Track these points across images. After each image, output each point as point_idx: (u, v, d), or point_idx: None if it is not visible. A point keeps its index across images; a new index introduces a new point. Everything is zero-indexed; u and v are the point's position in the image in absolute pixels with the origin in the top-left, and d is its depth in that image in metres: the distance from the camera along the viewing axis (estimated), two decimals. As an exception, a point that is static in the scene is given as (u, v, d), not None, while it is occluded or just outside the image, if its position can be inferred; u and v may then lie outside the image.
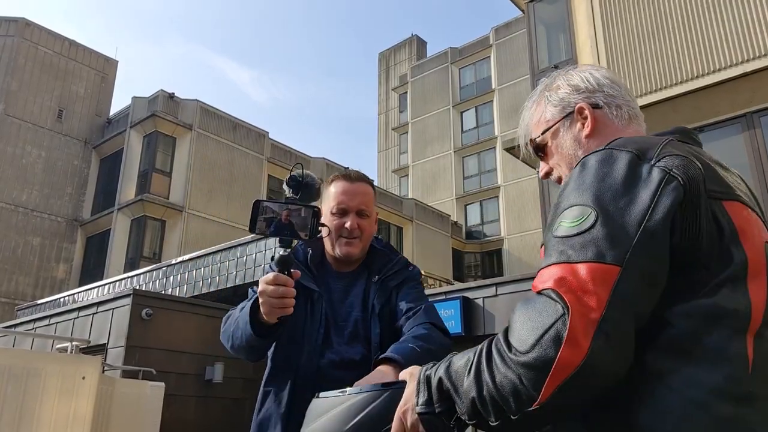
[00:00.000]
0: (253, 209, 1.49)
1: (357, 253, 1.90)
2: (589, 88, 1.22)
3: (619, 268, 0.87)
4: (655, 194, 0.91)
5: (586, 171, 0.98)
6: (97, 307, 10.27)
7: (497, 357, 0.89)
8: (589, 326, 0.84)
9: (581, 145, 1.20)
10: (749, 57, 7.45)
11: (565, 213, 0.95)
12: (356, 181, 1.94)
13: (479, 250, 29.51)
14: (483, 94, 31.38)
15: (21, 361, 5.49)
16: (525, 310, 0.91)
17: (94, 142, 22.38)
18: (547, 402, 0.84)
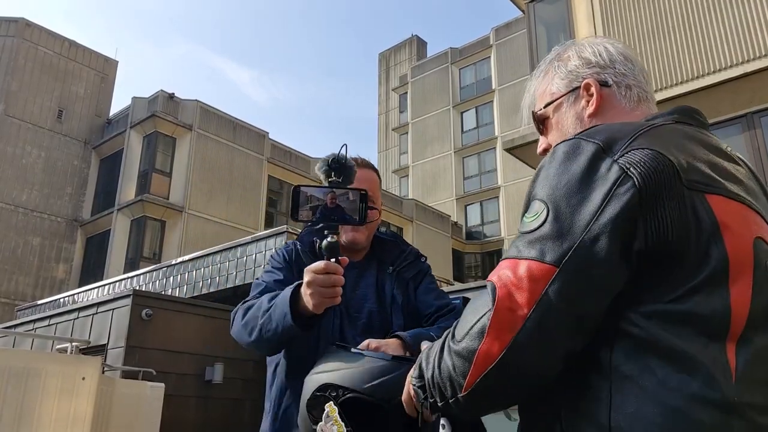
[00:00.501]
0: (293, 196, 1.41)
1: (363, 240, 1.87)
2: (600, 63, 1.15)
3: (555, 268, 0.86)
4: (607, 195, 0.87)
5: (553, 161, 0.95)
6: (97, 307, 10.26)
7: (445, 344, 0.94)
8: (514, 322, 0.85)
9: (582, 124, 1.13)
10: (750, 57, 7.44)
11: (530, 206, 0.95)
12: (363, 167, 1.89)
13: (479, 250, 29.50)
14: (483, 94, 31.38)
15: (21, 361, 5.48)
16: (474, 299, 0.94)
17: (94, 142, 22.37)
18: (472, 391, 0.88)
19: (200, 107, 20.73)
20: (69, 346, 8.72)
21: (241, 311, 1.67)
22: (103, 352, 9.31)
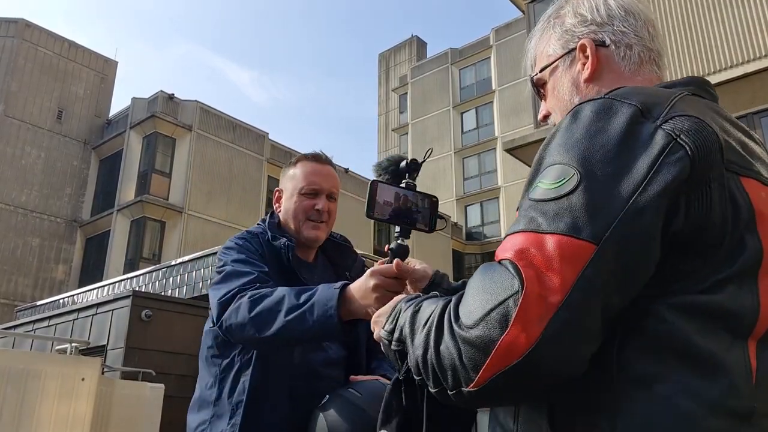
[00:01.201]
0: (371, 191, 1.34)
1: (323, 237, 1.82)
2: (596, 20, 1.02)
3: (594, 246, 0.73)
4: (655, 163, 0.76)
5: (577, 123, 0.82)
6: (96, 308, 10.25)
7: (446, 324, 0.79)
8: (545, 310, 0.72)
9: (579, 90, 1.02)
10: (750, 58, 7.44)
11: (545, 172, 0.81)
12: (326, 163, 1.85)
13: (479, 251, 29.49)
14: (483, 94, 31.38)
15: (20, 362, 5.48)
16: (481, 277, 0.79)
17: (93, 142, 22.37)
18: (484, 387, 0.74)
19: (200, 108, 20.73)
20: (68, 347, 8.72)
21: (247, 303, 1.49)
22: (103, 353, 9.30)
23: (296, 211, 1.78)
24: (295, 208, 1.78)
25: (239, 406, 1.60)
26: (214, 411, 1.65)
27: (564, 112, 1.02)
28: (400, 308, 0.95)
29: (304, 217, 1.77)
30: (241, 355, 1.64)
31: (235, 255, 1.67)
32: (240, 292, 1.53)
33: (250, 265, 1.63)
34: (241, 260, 1.65)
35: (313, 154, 1.85)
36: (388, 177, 1.38)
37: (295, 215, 1.78)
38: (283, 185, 1.86)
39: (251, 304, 1.48)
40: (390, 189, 1.37)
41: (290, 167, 1.86)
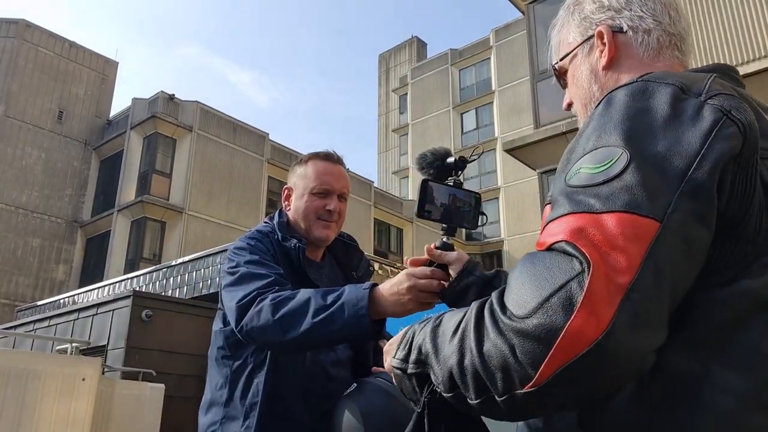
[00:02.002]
0: (423, 190, 1.32)
1: (332, 237, 1.80)
2: (614, 6, 0.99)
3: (658, 223, 0.67)
4: (708, 137, 0.71)
5: (613, 107, 0.79)
6: (97, 308, 10.26)
7: (489, 320, 0.71)
8: (614, 292, 0.64)
9: (597, 78, 1.00)
10: (750, 58, 7.45)
11: (585, 158, 0.76)
12: (338, 163, 1.83)
13: (479, 251, 29.49)
14: (483, 95, 31.38)
15: (21, 362, 5.48)
16: (527, 265, 0.71)
17: (94, 143, 22.37)
18: (546, 384, 0.65)
19: (200, 108, 20.73)
20: (69, 347, 8.73)
21: (270, 306, 1.44)
22: (103, 353, 9.31)
23: (307, 211, 1.76)
24: (305, 208, 1.76)
25: (253, 408, 1.57)
26: (225, 412, 1.62)
27: (583, 101, 1.03)
28: (413, 331, 0.89)
29: (314, 217, 1.76)
30: (254, 357, 1.62)
31: (248, 256, 1.64)
32: (259, 295, 1.49)
33: (266, 267, 1.60)
34: (254, 261, 1.62)
35: (326, 153, 1.82)
36: (433, 171, 1.36)
37: (306, 215, 1.76)
38: (292, 183, 1.83)
39: (274, 306, 1.44)
40: (441, 188, 1.36)
41: (301, 165, 1.82)
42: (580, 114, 1.05)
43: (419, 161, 1.40)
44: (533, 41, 10.95)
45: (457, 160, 1.37)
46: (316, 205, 1.75)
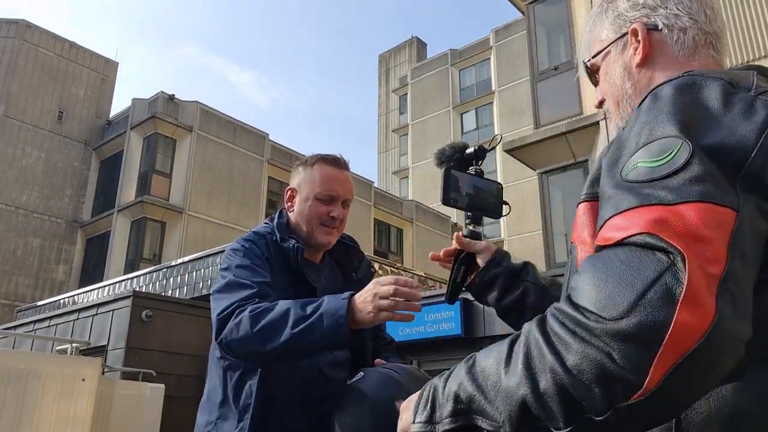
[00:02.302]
0: (446, 178, 1.32)
1: (333, 242, 1.80)
2: (649, 4, 0.99)
3: (735, 212, 0.66)
4: (763, 131, 0.71)
5: (662, 101, 0.78)
6: (97, 308, 10.26)
7: (565, 331, 0.64)
8: (710, 282, 0.62)
9: (630, 76, 0.99)
10: (750, 58, 7.45)
11: (639, 152, 0.74)
12: (345, 168, 1.82)
13: (479, 251, 29.48)
14: (483, 95, 31.39)
15: (21, 362, 5.49)
16: (599, 264, 0.66)
17: (94, 143, 22.37)
18: (657, 390, 0.59)
19: (200, 108, 20.73)
20: (69, 347, 8.73)
21: (248, 318, 1.45)
22: (103, 353, 9.31)
23: (310, 216, 1.75)
24: (309, 212, 1.75)
25: (247, 409, 1.57)
26: (220, 412, 1.63)
27: (616, 98, 1.02)
28: (433, 386, 0.81)
29: (318, 222, 1.75)
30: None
31: (239, 260, 1.64)
32: (239, 306, 1.50)
33: (253, 274, 1.60)
34: (244, 266, 1.62)
35: (333, 158, 1.80)
36: (452, 164, 1.37)
37: (309, 219, 1.75)
38: (296, 184, 1.81)
39: (253, 318, 1.45)
40: (463, 176, 1.36)
41: (306, 167, 1.80)
42: (613, 111, 1.05)
43: (438, 156, 1.41)
44: (533, 41, 10.95)
45: (477, 149, 1.38)
46: (320, 211, 1.74)
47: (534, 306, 1.28)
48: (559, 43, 10.81)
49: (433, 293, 10.00)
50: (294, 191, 1.81)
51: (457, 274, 1.40)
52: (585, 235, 0.87)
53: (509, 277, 1.33)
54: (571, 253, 0.91)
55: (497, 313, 1.37)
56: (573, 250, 0.90)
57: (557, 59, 10.63)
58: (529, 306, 1.29)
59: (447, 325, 9.11)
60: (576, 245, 0.89)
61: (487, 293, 1.35)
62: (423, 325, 9.35)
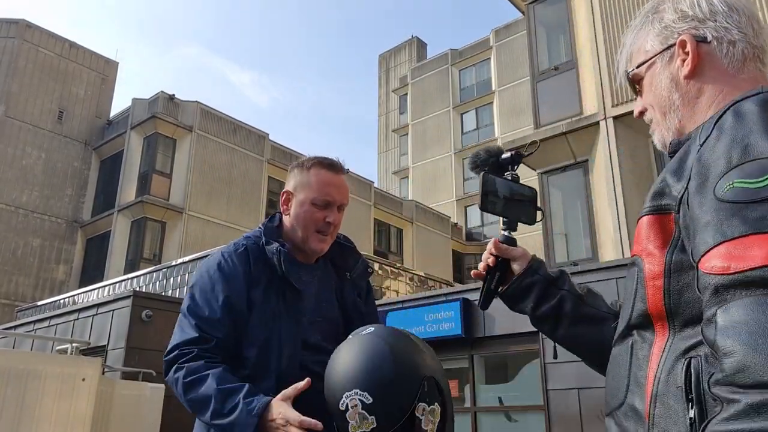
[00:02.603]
0: (483, 182, 1.32)
1: (327, 248, 1.79)
2: (698, 16, 0.99)
3: None
4: None
5: (749, 119, 0.79)
6: (97, 308, 10.26)
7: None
8: None
9: (678, 87, 0.99)
10: None
11: (734, 172, 0.75)
12: (341, 172, 1.80)
13: (479, 251, 29.47)
14: (483, 95, 31.39)
15: (21, 362, 5.49)
16: (749, 319, 0.66)
17: (94, 143, 22.38)
18: None
19: (200, 108, 20.73)
20: (69, 347, 8.73)
21: (181, 384, 1.55)
22: (103, 353, 9.31)
23: (306, 221, 1.73)
24: (305, 218, 1.74)
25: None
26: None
27: (662, 108, 1.03)
28: None
29: (313, 228, 1.74)
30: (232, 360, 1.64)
31: (201, 285, 1.67)
32: (179, 357, 1.59)
33: (204, 311, 1.63)
34: (201, 298, 1.65)
35: (330, 162, 1.79)
36: (488, 169, 1.36)
37: (305, 225, 1.74)
38: (292, 188, 1.79)
39: (184, 388, 1.54)
40: (501, 182, 1.36)
41: (303, 171, 1.78)
42: (659, 122, 1.06)
43: (473, 160, 1.40)
44: (533, 41, 10.95)
45: (513, 154, 1.38)
46: (316, 217, 1.73)
47: (570, 315, 1.29)
48: (560, 43, 10.81)
49: (434, 293, 10.00)
50: (290, 194, 1.80)
51: (491, 281, 1.38)
52: (651, 248, 0.89)
53: (545, 286, 1.33)
54: (636, 265, 0.93)
55: (531, 321, 1.36)
56: (639, 263, 0.92)
57: (557, 59, 10.63)
58: (566, 315, 1.30)
59: (447, 325, 9.11)
60: (642, 258, 0.91)
61: (522, 301, 1.35)
62: (423, 325, 9.35)
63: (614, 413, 0.95)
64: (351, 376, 1.38)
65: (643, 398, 0.87)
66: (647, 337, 0.90)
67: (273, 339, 1.62)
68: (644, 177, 9.05)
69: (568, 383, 7.79)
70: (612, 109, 9.21)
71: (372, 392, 1.36)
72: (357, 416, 1.34)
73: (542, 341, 8.07)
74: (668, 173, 0.89)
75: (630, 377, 0.92)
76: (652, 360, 0.88)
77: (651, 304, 0.88)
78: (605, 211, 9.09)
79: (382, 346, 1.41)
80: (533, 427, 8.39)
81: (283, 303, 1.65)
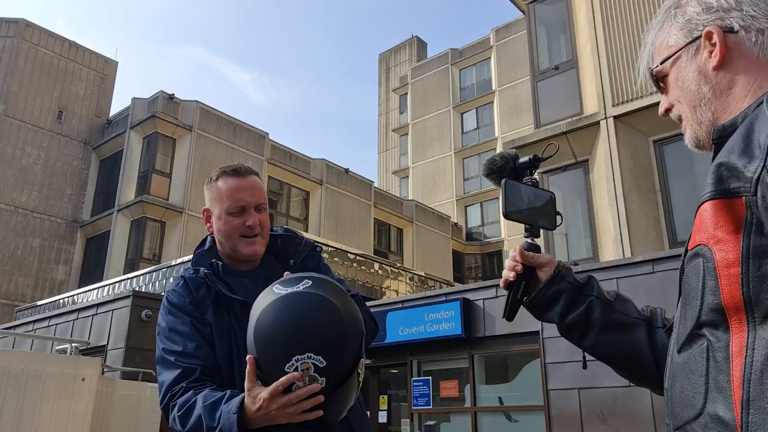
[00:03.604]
0: (505, 189, 1.29)
1: (261, 250, 1.78)
2: (723, 6, 0.98)
3: None
4: None
5: None
6: (96, 308, 10.26)
7: None
8: None
9: (707, 80, 0.98)
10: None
11: None
12: (248, 174, 1.81)
13: (479, 251, 29.49)
14: (483, 95, 31.40)
15: (20, 362, 5.47)
16: None
17: (93, 143, 22.37)
18: None
19: (200, 108, 20.73)
20: (69, 347, 8.72)
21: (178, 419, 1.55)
22: (103, 353, 9.30)
23: (228, 232, 1.74)
24: (226, 229, 1.74)
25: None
26: None
27: (692, 102, 1.00)
28: None
29: (237, 236, 1.74)
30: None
31: (165, 323, 1.68)
32: (172, 398, 1.58)
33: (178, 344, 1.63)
34: (170, 335, 1.65)
35: (233, 169, 1.80)
36: (504, 175, 1.33)
37: (228, 236, 1.75)
38: (208, 204, 1.81)
39: (181, 420, 1.54)
40: (521, 187, 1.32)
41: (212, 186, 1.81)
42: (688, 117, 1.03)
43: (488, 166, 1.37)
44: (534, 41, 10.94)
45: (532, 158, 1.34)
46: (235, 225, 1.73)
47: (600, 322, 1.25)
48: (560, 42, 10.80)
49: (434, 293, 9.99)
50: (209, 211, 1.82)
51: (517, 290, 1.33)
52: (722, 234, 0.83)
53: (573, 294, 1.29)
54: (701, 255, 0.86)
55: (559, 330, 1.33)
56: (706, 252, 0.85)
57: (558, 59, 10.62)
58: (595, 322, 1.25)
59: (447, 325, 9.11)
60: (710, 246, 0.84)
61: (550, 310, 1.30)
62: (423, 325, 9.35)
63: (687, 426, 0.86)
64: (304, 339, 1.34)
65: (729, 405, 0.78)
66: (721, 336, 0.82)
67: (233, 355, 1.62)
68: (644, 177, 9.04)
69: (568, 383, 7.79)
70: (612, 108, 9.20)
71: (326, 356, 1.33)
72: (307, 378, 1.33)
73: (542, 341, 8.07)
74: (732, 155, 0.83)
75: (708, 383, 0.82)
76: (734, 360, 0.79)
77: (726, 296, 0.81)
78: (605, 211, 9.08)
79: (330, 306, 1.38)
80: (533, 427, 8.38)
81: (234, 317, 1.65)
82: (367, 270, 16.63)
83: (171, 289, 1.72)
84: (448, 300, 9.31)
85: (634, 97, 9.01)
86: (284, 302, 1.38)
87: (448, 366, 9.70)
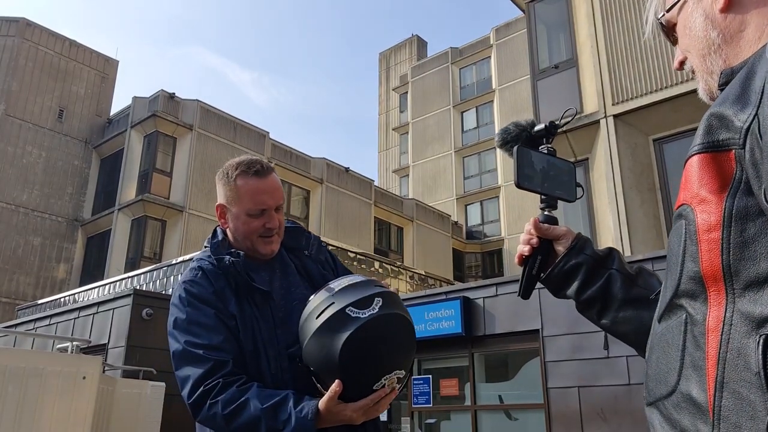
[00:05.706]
0: (519, 156, 1.20)
1: (277, 248, 1.77)
2: None
3: None
4: None
5: None
6: (97, 307, 10.28)
7: None
8: None
9: (715, 24, 0.89)
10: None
11: None
12: (268, 174, 1.76)
13: (479, 250, 29.49)
14: (483, 94, 31.39)
15: (21, 361, 5.49)
16: None
17: (94, 142, 22.39)
18: None
19: (201, 107, 20.73)
20: (70, 345, 8.73)
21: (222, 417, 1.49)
22: (104, 352, 9.32)
23: (247, 233, 1.72)
24: (245, 230, 1.72)
25: None
26: None
27: (701, 50, 0.93)
28: None
29: (256, 236, 1.72)
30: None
31: (183, 312, 1.64)
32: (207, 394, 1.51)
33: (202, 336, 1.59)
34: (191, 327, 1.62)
35: (255, 170, 1.73)
36: (520, 144, 1.23)
37: (247, 236, 1.73)
38: (224, 201, 1.75)
39: (227, 419, 1.48)
40: (536, 155, 1.23)
41: (230, 183, 1.73)
42: (698, 67, 0.96)
43: (502, 136, 1.28)
44: (534, 39, 10.94)
45: (548, 125, 1.26)
46: (254, 226, 1.71)
47: (620, 297, 1.15)
48: (560, 41, 10.80)
49: (434, 291, 10.01)
50: (224, 208, 1.77)
51: (532, 265, 1.23)
52: (705, 192, 0.74)
53: (592, 267, 1.19)
54: (683, 216, 0.78)
55: (576, 307, 1.23)
56: (688, 213, 0.77)
57: (558, 57, 10.62)
58: (614, 297, 1.16)
59: (447, 323, 9.12)
60: (693, 206, 0.76)
61: (568, 285, 1.21)
62: (423, 324, 9.36)
63: (659, 403, 0.78)
64: (393, 361, 1.45)
65: (702, 385, 0.70)
66: (699, 309, 0.74)
67: (258, 344, 1.61)
68: (644, 176, 9.05)
69: (568, 382, 7.80)
70: (612, 107, 9.20)
71: (406, 368, 1.47)
72: (387, 387, 1.46)
73: (542, 339, 8.07)
74: (726, 103, 0.74)
75: (684, 358, 0.74)
76: (710, 335, 0.71)
77: (705, 263, 0.72)
78: (605, 210, 9.09)
79: (408, 324, 1.50)
80: (533, 425, 8.40)
81: (256, 308, 1.65)
82: (368, 268, 16.65)
83: (189, 280, 1.68)
84: (448, 298, 9.32)
85: (634, 95, 9.02)
86: (370, 330, 1.41)
87: (449, 364, 9.71)
